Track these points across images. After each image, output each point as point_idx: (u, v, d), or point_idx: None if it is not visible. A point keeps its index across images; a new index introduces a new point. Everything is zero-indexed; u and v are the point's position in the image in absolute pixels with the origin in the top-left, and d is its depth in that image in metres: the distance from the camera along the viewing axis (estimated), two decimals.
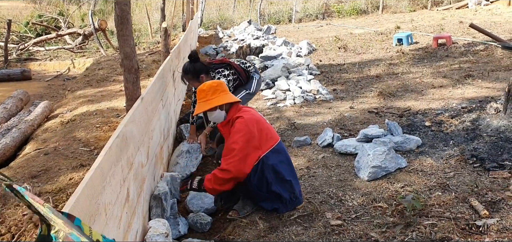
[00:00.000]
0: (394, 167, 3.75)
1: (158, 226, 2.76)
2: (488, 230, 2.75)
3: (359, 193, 3.45)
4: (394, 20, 15.15)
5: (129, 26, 3.22)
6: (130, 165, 2.52)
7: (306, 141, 4.66)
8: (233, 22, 19.74)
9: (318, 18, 19.56)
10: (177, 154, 4.42)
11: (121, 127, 2.40)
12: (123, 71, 3.26)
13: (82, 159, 4.57)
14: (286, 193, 3.23)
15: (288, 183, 3.24)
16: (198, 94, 3.39)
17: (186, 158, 4.33)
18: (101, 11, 21.15)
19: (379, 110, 5.64)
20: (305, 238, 2.91)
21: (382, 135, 4.33)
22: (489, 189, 3.29)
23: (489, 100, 5.34)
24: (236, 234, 3.09)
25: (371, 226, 2.98)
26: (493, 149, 3.96)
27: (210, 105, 3.29)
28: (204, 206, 3.54)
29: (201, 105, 3.33)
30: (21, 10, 21.33)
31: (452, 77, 6.95)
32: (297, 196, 3.28)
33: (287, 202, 3.24)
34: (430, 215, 3.01)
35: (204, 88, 3.35)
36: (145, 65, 9.71)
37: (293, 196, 3.26)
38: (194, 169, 4.28)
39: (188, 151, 4.38)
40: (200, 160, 4.41)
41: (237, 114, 3.27)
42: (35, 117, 6.45)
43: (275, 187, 3.19)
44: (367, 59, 9.19)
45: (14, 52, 13.83)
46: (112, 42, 13.32)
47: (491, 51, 8.52)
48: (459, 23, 12.73)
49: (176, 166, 4.27)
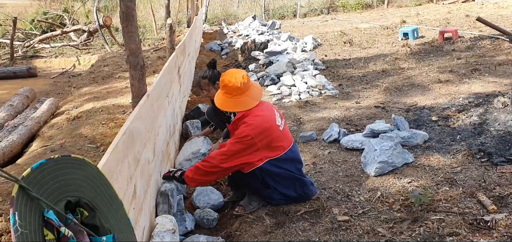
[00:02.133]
0: (401, 162, 3.74)
1: (165, 223, 2.76)
2: (496, 225, 2.73)
3: (366, 189, 3.44)
4: (400, 14, 15.07)
5: (134, 22, 3.21)
6: (136, 162, 2.52)
7: (312, 136, 4.65)
8: (238, 17, 19.73)
9: (323, 13, 19.48)
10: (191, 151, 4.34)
11: (127, 123, 2.40)
12: (129, 68, 3.26)
13: (88, 156, 4.58)
14: (292, 192, 3.24)
15: (296, 181, 3.24)
16: (229, 88, 3.20)
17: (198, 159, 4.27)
18: (105, 8, 21.18)
19: (385, 105, 5.62)
20: (312, 234, 2.90)
21: (388, 130, 4.31)
22: (497, 184, 3.26)
23: (496, 94, 5.30)
24: (243, 230, 3.09)
25: (378, 221, 2.97)
26: (500, 144, 3.93)
27: (238, 106, 3.19)
28: (210, 202, 3.54)
29: (232, 102, 3.21)
30: (26, 7, 21.40)
31: (459, 71, 6.91)
32: (306, 192, 3.29)
33: (295, 199, 3.26)
34: (437, 210, 3.00)
35: (237, 84, 3.17)
36: (150, 62, 9.73)
37: (302, 192, 3.27)
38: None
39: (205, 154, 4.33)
40: None
41: (245, 118, 3.17)
42: (41, 114, 6.48)
43: (280, 189, 3.21)
44: (372, 53, 9.15)
45: (19, 49, 13.89)
46: (117, 39, 13.33)
47: (498, 44, 8.46)
48: (465, 17, 12.64)
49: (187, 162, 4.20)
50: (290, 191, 3.23)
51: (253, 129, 3.07)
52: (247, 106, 3.20)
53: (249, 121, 3.12)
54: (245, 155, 3.08)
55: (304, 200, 3.28)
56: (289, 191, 3.23)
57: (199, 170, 3.14)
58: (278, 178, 3.18)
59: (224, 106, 3.28)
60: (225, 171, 3.19)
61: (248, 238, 2.97)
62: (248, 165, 3.12)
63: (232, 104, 3.24)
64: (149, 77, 7.47)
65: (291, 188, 3.23)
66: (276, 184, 3.19)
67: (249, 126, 3.09)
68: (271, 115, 3.23)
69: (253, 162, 3.10)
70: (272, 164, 3.15)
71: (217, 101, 3.32)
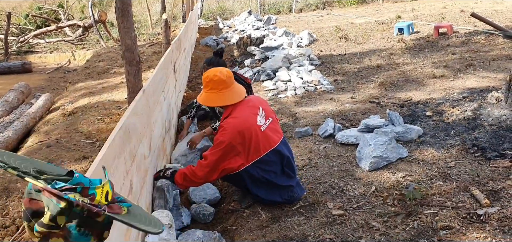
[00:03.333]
0: (395, 157, 3.76)
1: (161, 217, 2.78)
2: (489, 219, 2.77)
3: (360, 183, 3.47)
4: (395, 10, 15.10)
5: (130, 18, 3.22)
6: (133, 157, 2.53)
7: (308, 131, 4.67)
8: (233, 12, 19.71)
9: (318, 8, 19.50)
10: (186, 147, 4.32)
11: (123, 119, 2.41)
12: (125, 63, 3.27)
13: (85, 151, 4.59)
14: (278, 197, 3.19)
15: (281, 188, 3.17)
16: (214, 83, 3.16)
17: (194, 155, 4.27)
18: (100, 3, 21.07)
19: (380, 100, 5.65)
20: (307, 228, 2.93)
21: (383, 125, 4.34)
22: (490, 178, 3.30)
23: (490, 90, 5.34)
24: (239, 224, 3.11)
25: (372, 215, 3.00)
26: (494, 139, 3.97)
27: (224, 100, 3.15)
28: (206, 197, 3.56)
29: (216, 96, 3.17)
30: (21, 2, 21.26)
31: (453, 66, 6.95)
32: (292, 195, 3.22)
33: (281, 203, 3.21)
34: (431, 204, 3.03)
35: (222, 77, 3.15)
36: (146, 57, 9.71)
37: (288, 196, 3.20)
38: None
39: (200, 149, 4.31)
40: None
41: (229, 117, 3.12)
42: (36, 110, 6.47)
43: (264, 196, 3.17)
44: (368, 49, 9.17)
45: (14, 44, 13.82)
46: (112, 34, 13.29)
47: (493, 40, 8.50)
48: (460, 12, 12.69)
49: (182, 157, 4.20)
50: (274, 197, 3.18)
51: (229, 133, 2.99)
52: (232, 99, 3.15)
53: (225, 126, 3.05)
54: (225, 161, 3.01)
55: (290, 203, 3.23)
56: (274, 197, 3.18)
57: (186, 177, 3.12)
58: (261, 185, 3.13)
59: (208, 101, 3.24)
60: (210, 180, 3.19)
61: (244, 232, 2.99)
62: (231, 171, 3.07)
63: (217, 99, 3.18)
64: (144, 72, 7.46)
65: (276, 194, 3.17)
66: (258, 191, 3.15)
67: (224, 132, 3.02)
68: (251, 116, 3.12)
69: (233, 167, 3.03)
70: (255, 167, 3.07)
71: (201, 99, 3.26)
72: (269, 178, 3.12)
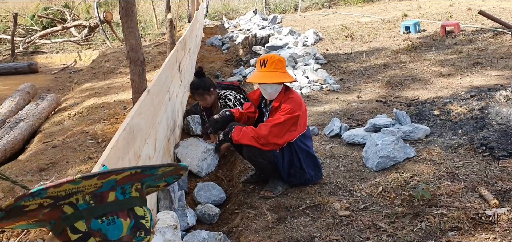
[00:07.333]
0: (403, 156, 3.72)
1: (167, 218, 2.76)
2: (498, 220, 2.73)
3: (367, 184, 3.44)
4: (401, 8, 15.00)
5: (134, 18, 3.20)
6: (137, 158, 2.51)
7: (314, 131, 4.64)
8: (239, 12, 19.67)
9: (324, 7, 19.41)
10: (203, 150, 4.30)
11: (127, 120, 2.39)
12: (129, 63, 3.25)
13: (90, 152, 4.58)
14: (311, 170, 3.42)
15: (315, 159, 3.46)
16: (275, 63, 3.32)
17: (211, 156, 4.28)
18: (106, 3, 21.10)
19: (387, 99, 5.60)
20: (313, 229, 2.90)
21: (390, 124, 4.30)
22: (498, 178, 3.25)
23: (498, 88, 5.28)
24: (244, 225, 3.08)
25: (379, 216, 2.96)
26: (502, 138, 3.92)
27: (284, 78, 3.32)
28: (212, 198, 3.55)
29: (278, 75, 3.31)
30: (27, 3, 21.35)
31: (461, 65, 6.88)
32: (317, 173, 3.48)
33: (312, 177, 3.44)
34: (439, 205, 2.99)
35: (281, 58, 3.37)
36: (151, 57, 9.71)
37: (318, 170, 3.48)
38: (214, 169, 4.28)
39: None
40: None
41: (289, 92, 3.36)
42: (42, 110, 6.48)
43: (304, 165, 3.38)
44: (374, 47, 9.11)
45: (20, 45, 13.87)
46: (118, 34, 13.31)
47: (500, 38, 8.41)
48: (467, 10, 12.57)
49: (203, 162, 4.21)
50: (309, 170, 3.41)
51: (298, 105, 3.29)
52: (292, 77, 3.44)
53: (293, 97, 3.32)
54: (290, 131, 3.28)
55: (313, 183, 3.46)
56: (309, 170, 3.40)
57: (246, 135, 3.27)
58: (305, 154, 3.37)
59: (273, 78, 3.30)
60: (267, 146, 3.27)
61: (249, 233, 2.97)
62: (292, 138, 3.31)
63: (282, 76, 3.32)
64: (150, 72, 7.46)
65: (310, 166, 3.42)
66: (302, 162, 3.36)
67: (294, 102, 3.28)
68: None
69: (290, 139, 3.31)
70: (300, 141, 3.36)
71: (262, 77, 3.33)
72: (309, 150, 3.42)
